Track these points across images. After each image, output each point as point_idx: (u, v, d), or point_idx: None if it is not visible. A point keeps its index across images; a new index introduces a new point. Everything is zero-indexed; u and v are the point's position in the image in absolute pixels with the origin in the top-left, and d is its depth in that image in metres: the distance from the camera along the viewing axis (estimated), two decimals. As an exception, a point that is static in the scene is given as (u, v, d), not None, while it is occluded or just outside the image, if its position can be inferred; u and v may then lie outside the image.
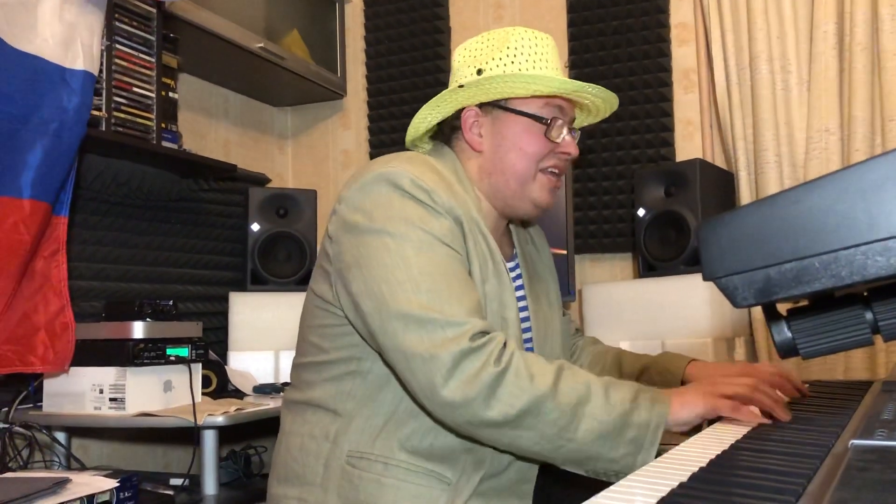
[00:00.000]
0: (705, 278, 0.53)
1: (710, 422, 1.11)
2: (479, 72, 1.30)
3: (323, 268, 1.26)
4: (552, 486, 1.42)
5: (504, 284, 1.26)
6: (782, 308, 0.59)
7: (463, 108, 1.32)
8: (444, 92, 1.30)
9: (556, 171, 1.33)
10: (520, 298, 1.36)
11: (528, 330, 1.35)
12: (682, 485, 0.66)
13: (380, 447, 1.18)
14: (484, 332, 1.10)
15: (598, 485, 0.69)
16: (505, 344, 1.11)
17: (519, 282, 1.38)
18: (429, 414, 1.16)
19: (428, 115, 1.35)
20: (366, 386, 1.21)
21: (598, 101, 1.35)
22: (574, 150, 1.32)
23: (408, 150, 1.39)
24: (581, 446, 1.07)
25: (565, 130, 1.31)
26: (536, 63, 1.30)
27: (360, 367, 1.22)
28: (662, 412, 1.08)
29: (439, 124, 1.37)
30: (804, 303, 0.59)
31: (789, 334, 0.56)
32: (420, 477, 1.17)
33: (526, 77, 1.26)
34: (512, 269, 1.37)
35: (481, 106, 1.32)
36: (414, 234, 1.14)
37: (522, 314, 1.35)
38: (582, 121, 1.44)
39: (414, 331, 1.08)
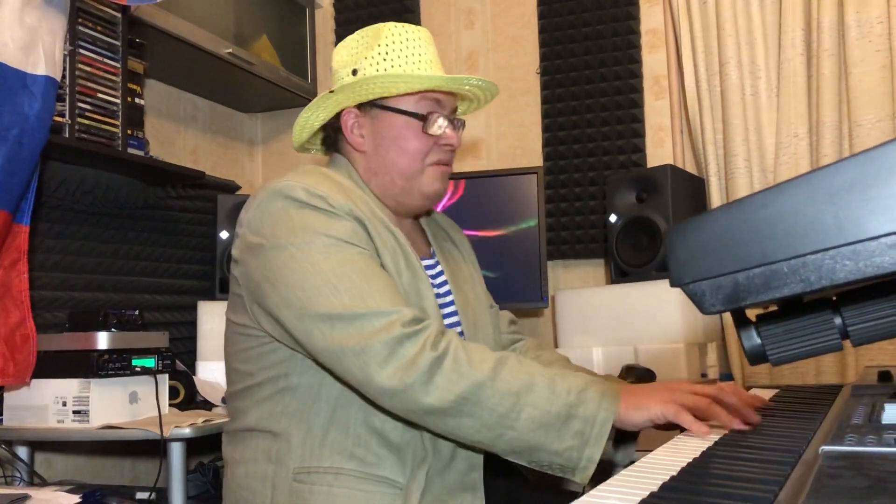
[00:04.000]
0: (673, 284, 0.52)
1: (675, 427, 1.09)
2: (355, 72, 1.31)
3: (235, 293, 1.25)
4: (520, 491, 1.40)
5: (419, 276, 1.25)
6: (751, 314, 0.58)
7: (343, 110, 1.32)
8: (319, 97, 1.31)
9: (443, 163, 1.33)
10: (446, 294, 1.35)
11: (457, 325, 1.33)
12: (653, 494, 0.65)
13: (329, 458, 1.16)
14: (417, 320, 1.09)
15: (568, 495, 0.68)
16: (443, 332, 1.10)
17: (442, 278, 1.37)
18: (374, 406, 1.14)
19: (310, 119, 1.36)
20: (297, 401, 1.19)
21: (477, 91, 1.35)
22: (456, 142, 1.32)
23: (301, 158, 1.40)
24: (522, 435, 1.04)
25: (444, 123, 1.30)
26: (409, 58, 1.30)
27: (289, 383, 1.20)
28: (611, 407, 1.05)
29: (325, 128, 1.38)
30: (773, 308, 0.58)
31: (758, 340, 0.56)
32: (371, 484, 1.15)
33: (396, 76, 1.27)
34: (432, 267, 1.36)
35: (360, 106, 1.32)
36: (318, 240, 1.14)
37: (450, 308, 1.33)
38: (465, 109, 1.44)
39: (341, 328, 1.07)
